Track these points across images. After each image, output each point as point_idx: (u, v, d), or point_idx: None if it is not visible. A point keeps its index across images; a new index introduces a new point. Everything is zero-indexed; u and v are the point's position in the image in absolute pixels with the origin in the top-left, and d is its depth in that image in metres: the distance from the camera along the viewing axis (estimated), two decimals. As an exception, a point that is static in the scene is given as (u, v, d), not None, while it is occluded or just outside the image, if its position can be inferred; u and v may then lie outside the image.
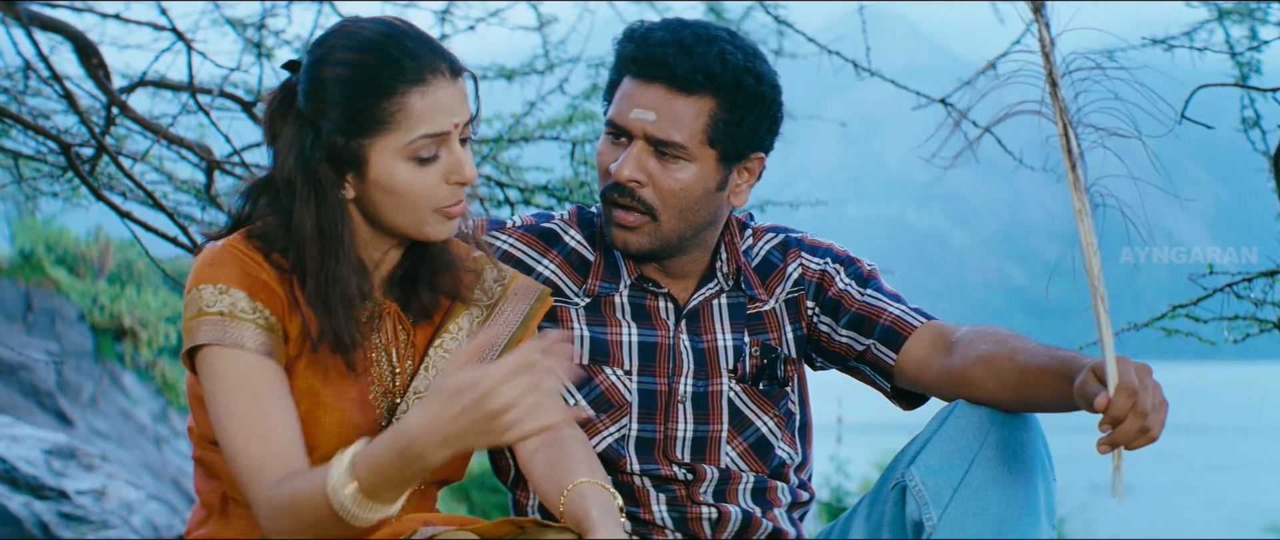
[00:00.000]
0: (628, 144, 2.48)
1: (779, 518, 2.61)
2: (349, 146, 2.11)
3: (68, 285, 12.51)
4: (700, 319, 2.61)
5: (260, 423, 2.04)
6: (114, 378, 11.84)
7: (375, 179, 2.12)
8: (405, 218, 2.15)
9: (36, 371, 9.67)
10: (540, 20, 5.04)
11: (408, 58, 2.11)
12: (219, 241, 2.15)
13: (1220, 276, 3.99)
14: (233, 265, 2.11)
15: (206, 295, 2.09)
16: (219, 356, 2.07)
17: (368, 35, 2.12)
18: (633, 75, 2.49)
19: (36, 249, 12.71)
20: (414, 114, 2.10)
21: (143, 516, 6.81)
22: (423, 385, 2.24)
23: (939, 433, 2.38)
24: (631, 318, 2.59)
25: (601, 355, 2.56)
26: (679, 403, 2.57)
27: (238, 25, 4.78)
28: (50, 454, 6.71)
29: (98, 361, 11.92)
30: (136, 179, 4.18)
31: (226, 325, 2.08)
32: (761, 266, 2.67)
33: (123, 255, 13.98)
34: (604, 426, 2.55)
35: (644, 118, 2.45)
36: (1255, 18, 4.23)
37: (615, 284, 2.58)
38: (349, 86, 2.10)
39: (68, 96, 4.12)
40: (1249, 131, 4.12)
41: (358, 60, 2.10)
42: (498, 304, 2.34)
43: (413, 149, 2.10)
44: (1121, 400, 2.07)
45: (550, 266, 2.60)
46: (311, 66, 2.14)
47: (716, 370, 2.60)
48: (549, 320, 2.56)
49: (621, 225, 2.50)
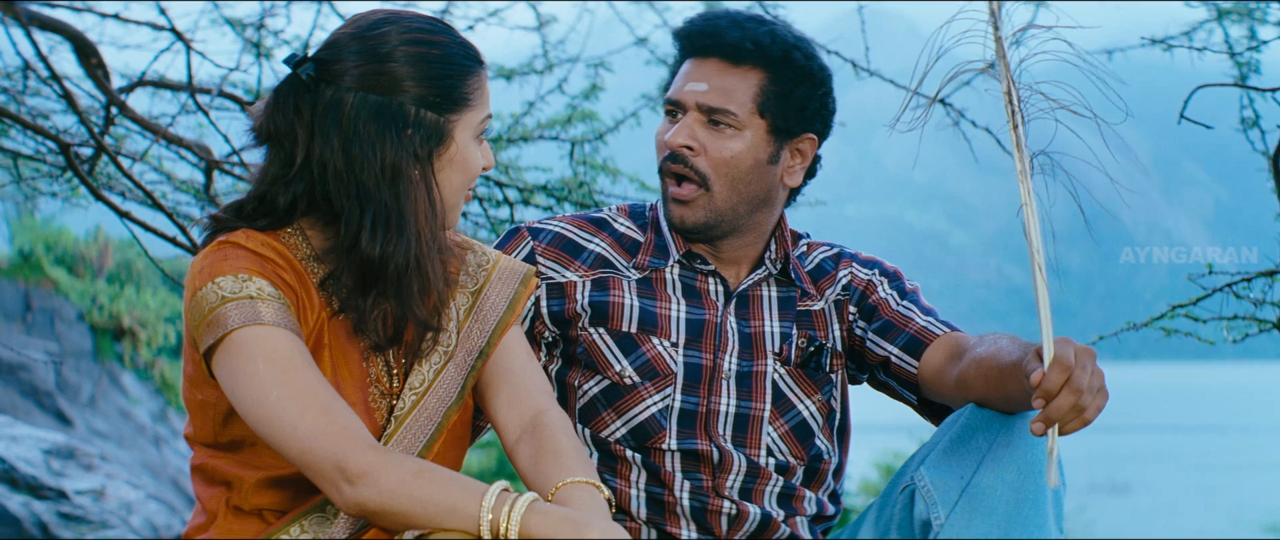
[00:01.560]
0: (682, 118, 2.58)
1: (800, 525, 2.62)
2: (438, 122, 2.14)
3: (67, 285, 12.51)
4: (749, 304, 2.66)
5: (320, 393, 2.02)
6: (113, 378, 11.84)
7: (453, 156, 2.17)
8: (454, 199, 2.20)
9: (36, 371, 9.67)
10: (539, 20, 5.04)
11: (466, 45, 2.20)
12: (222, 237, 2.13)
13: (1219, 276, 3.99)
14: (248, 259, 2.09)
15: (227, 285, 2.06)
16: (255, 336, 2.04)
17: (423, 22, 2.18)
18: (688, 55, 2.62)
19: (36, 249, 12.71)
20: (482, 94, 2.19)
21: (142, 516, 6.81)
22: (418, 382, 2.22)
23: (948, 436, 2.39)
24: (682, 295, 2.63)
25: (650, 326, 2.60)
26: (723, 378, 2.60)
27: (237, 25, 4.78)
28: (49, 454, 6.71)
29: (97, 361, 11.92)
30: (135, 179, 4.18)
31: (258, 306, 2.06)
32: (814, 271, 2.73)
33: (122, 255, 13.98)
34: (648, 394, 2.58)
35: (696, 89, 2.57)
36: (1254, 18, 4.23)
37: (665, 260, 2.64)
38: (433, 64, 2.14)
39: (67, 96, 4.11)
40: (1248, 131, 4.12)
41: (430, 39, 2.15)
42: (483, 289, 2.33)
43: (480, 127, 2.19)
44: (1055, 375, 2.05)
45: (601, 244, 2.66)
46: (367, 49, 2.13)
47: (762, 352, 2.63)
48: (600, 288, 2.60)
49: (677, 199, 2.59)
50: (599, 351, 2.59)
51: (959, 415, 2.42)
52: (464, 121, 2.16)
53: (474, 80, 2.17)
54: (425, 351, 2.24)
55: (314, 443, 2.00)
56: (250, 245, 2.11)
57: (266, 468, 2.14)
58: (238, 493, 2.14)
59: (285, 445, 2.02)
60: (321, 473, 2.01)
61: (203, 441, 2.18)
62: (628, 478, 2.57)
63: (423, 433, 2.19)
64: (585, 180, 4.90)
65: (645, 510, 2.57)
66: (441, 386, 2.23)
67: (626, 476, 2.57)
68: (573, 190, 4.89)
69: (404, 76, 2.12)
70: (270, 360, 2.03)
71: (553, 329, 2.62)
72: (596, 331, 2.59)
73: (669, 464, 2.57)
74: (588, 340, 2.59)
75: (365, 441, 2.01)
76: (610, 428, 2.58)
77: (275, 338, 2.04)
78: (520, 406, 2.27)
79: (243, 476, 2.14)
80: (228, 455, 2.16)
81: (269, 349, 2.03)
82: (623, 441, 2.57)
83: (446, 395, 2.23)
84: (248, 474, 2.14)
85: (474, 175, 2.20)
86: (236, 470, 2.14)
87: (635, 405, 2.57)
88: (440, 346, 2.26)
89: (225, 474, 2.15)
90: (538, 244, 2.64)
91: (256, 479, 2.13)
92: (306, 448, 2.00)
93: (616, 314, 2.59)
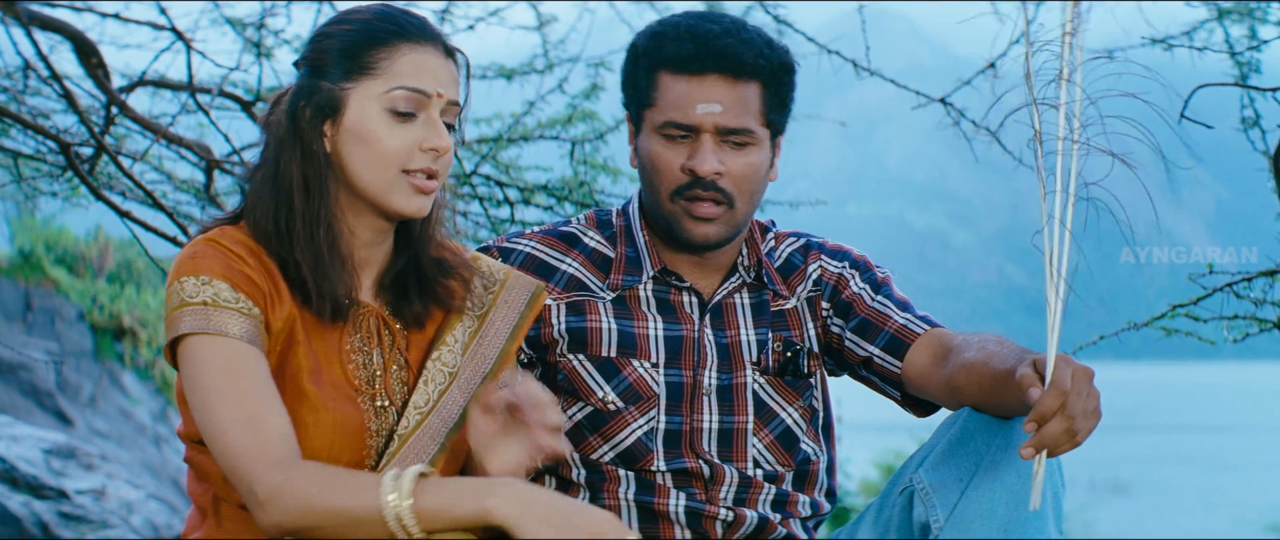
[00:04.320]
0: (690, 140, 2.52)
1: (794, 526, 2.61)
2: (332, 93, 2.14)
3: (67, 285, 12.51)
4: (723, 314, 2.63)
5: (249, 407, 2.02)
6: (113, 377, 11.84)
7: (349, 125, 2.14)
8: (373, 175, 2.15)
9: (36, 371, 9.67)
10: (539, 20, 5.03)
11: (405, 20, 2.18)
12: (202, 236, 2.15)
13: (1220, 276, 3.98)
14: (215, 258, 2.10)
15: (188, 287, 2.08)
16: (202, 344, 2.05)
17: (372, 6, 2.21)
18: (677, 71, 2.51)
19: (36, 248, 12.72)
20: (398, 65, 2.14)
21: (142, 516, 6.81)
22: (422, 400, 2.22)
23: (946, 438, 2.38)
24: (657, 311, 2.60)
25: (629, 348, 2.57)
26: (703, 394, 2.58)
27: (237, 25, 4.78)
28: (50, 453, 6.71)
29: (97, 361, 11.92)
30: (136, 178, 4.18)
31: (209, 314, 2.06)
32: (784, 267, 2.69)
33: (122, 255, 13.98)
34: (633, 419, 2.56)
35: (711, 111, 2.49)
36: (1255, 17, 4.23)
37: (638, 277, 2.60)
38: (344, 39, 2.16)
39: (67, 96, 4.11)
40: (1249, 131, 4.12)
41: (357, 19, 2.18)
42: (488, 313, 2.32)
43: (391, 99, 2.14)
44: (1050, 400, 2.05)
45: (573, 264, 2.62)
46: (314, 34, 2.21)
47: (740, 363, 2.61)
48: (576, 313, 2.58)
49: (701, 218, 2.52)
50: (580, 378, 2.56)
51: (956, 418, 2.41)
52: (362, 90, 2.14)
53: (385, 50, 2.15)
54: (429, 372, 2.24)
55: (234, 463, 2.02)
56: (223, 242, 2.12)
57: None
58: (224, 487, 2.14)
59: (218, 460, 2.05)
60: (243, 494, 2.03)
61: (191, 437, 2.19)
62: (615, 494, 2.56)
63: (425, 452, 2.18)
64: (586, 180, 4.90)
65: (637, 521, 2.56)
66: (445, 408, 2.23)
67: (614, 492, 2.56)
68: (573, 190, 4.89)
69: (326, 52, 2.17)
70: (208, 370, 2.05)
71: (528, 352, 2.60)
72: (576, 358, 2.57)
73: (661, 481, 2.56)
74: (568, 367, 2.57)
75: (272, 460, 2.00)
76: (599, 452, 2.57)
77: (217, 347, 2.05)
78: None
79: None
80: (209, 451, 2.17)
81: (206, 359, 2.05)
82: (613, 463, 2.57)
83: (448, 417, 2.22)
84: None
85: (388, 151, 2.14)
86: (217, 466, 2.14)
87: (621, 430, 2.55)
88: (445, 367, 2.25)
89: (209, 469, 2.15)
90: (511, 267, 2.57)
91: None
92: (229, 468, 2.03)
93: (595, 339, 2.56)
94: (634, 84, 2.58)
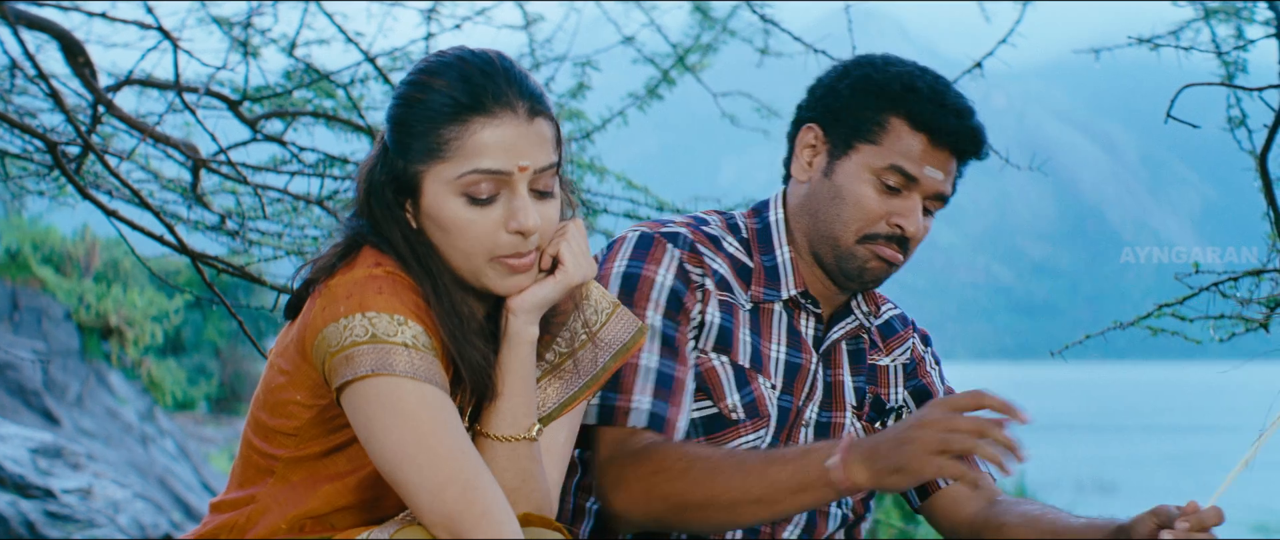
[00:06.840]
0: (900, 193, 2.50)
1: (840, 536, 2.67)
2: (406, 171, 2.01)
3: (54, 284, 12.50)
4: (831, 353, 2.65)
5: (463, 463, 1.92)
6: (100, 376, 11.82)
7: (427, 209, 2.01)
8: (460, 260, 2.03)
9: (23, 370, 9.66)
10: (526, 19, 5.03)
11: (482, 87, 2.00)
12: (370, 262, 2.02)
13: (1206, 275, 3.99)
14: (404, 296, 1.99)
15: (382, 324, 1.94)
16: (402, 388, 1.92)
17: (446, 59, 2.04)
18: (920, 128, 2.47)
19: (23, 248, 12.70)
20: (471, 144, 1.98)
21: (129, 515, 6.80)
22: None
23: None
24: (784, 335, 2.60)
25: (757, 364, 2.55)
26: (803, 425, 2.59)
27: (224, 24, 4.77)
28: (36, 453, 6.70)
29: (84, 360, 11.90)
30: (123, 177, 4.17)
31: (414, 358, 1.94)
32: (884, 327, 2.75)
33: (109, 254, 13.97)
34: (746, 432, 2.53)
35: (936, 177, 2.50)
36: (1241, 17, 4.24)
37: (777, 293, 2.58)
38: (410, 108, 2.01)
39: (54, 95, 4.10)
40: (1235, 131, 4.12)
41: (424, 82, 2.02)
42: (561, 365, 2.23)
43: (463, 184, 1.98)
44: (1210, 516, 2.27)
45: (720, 264, 2.57)
46: (395, 94, 2.07)
47: (841, 404, 2.63)
48: (726, 311, 2.54)
49: (886, 260, 2.52)
50: (717, 380, 2.52)
51: None
52: (435, 174, 1.99)
53: (455, 128, 1.98)
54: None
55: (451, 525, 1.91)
56: (397, 278, 2.00)
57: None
58: (297, 448, 2.05)
59: (419, 513, 1.93)
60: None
61: (284, 432, 2.07)
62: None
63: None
64: (572, 179, 4.90)
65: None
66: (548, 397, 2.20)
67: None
68: (561, 189, 4.88)
69: (390, 122, 2.05)
70: (415, 420, 1.92)
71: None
72: (719, 359, 2.52)
73: None
74: (708, 365, 2.52)
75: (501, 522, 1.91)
76: None
77: (423, 394, 1.93)
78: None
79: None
80: (324, 460, 2.07)
81: (414, 407, 1.92)
82: None
83: (541, 405, 2.18)
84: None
85: (469, 239, 2.01)
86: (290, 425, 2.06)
87: (732, 440, 2.52)
88: (546, 359, 2.21)
89: (284, 431, 2.06)
90: (682, 252, 2.53)
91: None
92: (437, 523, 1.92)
93: (736, 345, 2.54)
94: (855, 111, 2.52)
